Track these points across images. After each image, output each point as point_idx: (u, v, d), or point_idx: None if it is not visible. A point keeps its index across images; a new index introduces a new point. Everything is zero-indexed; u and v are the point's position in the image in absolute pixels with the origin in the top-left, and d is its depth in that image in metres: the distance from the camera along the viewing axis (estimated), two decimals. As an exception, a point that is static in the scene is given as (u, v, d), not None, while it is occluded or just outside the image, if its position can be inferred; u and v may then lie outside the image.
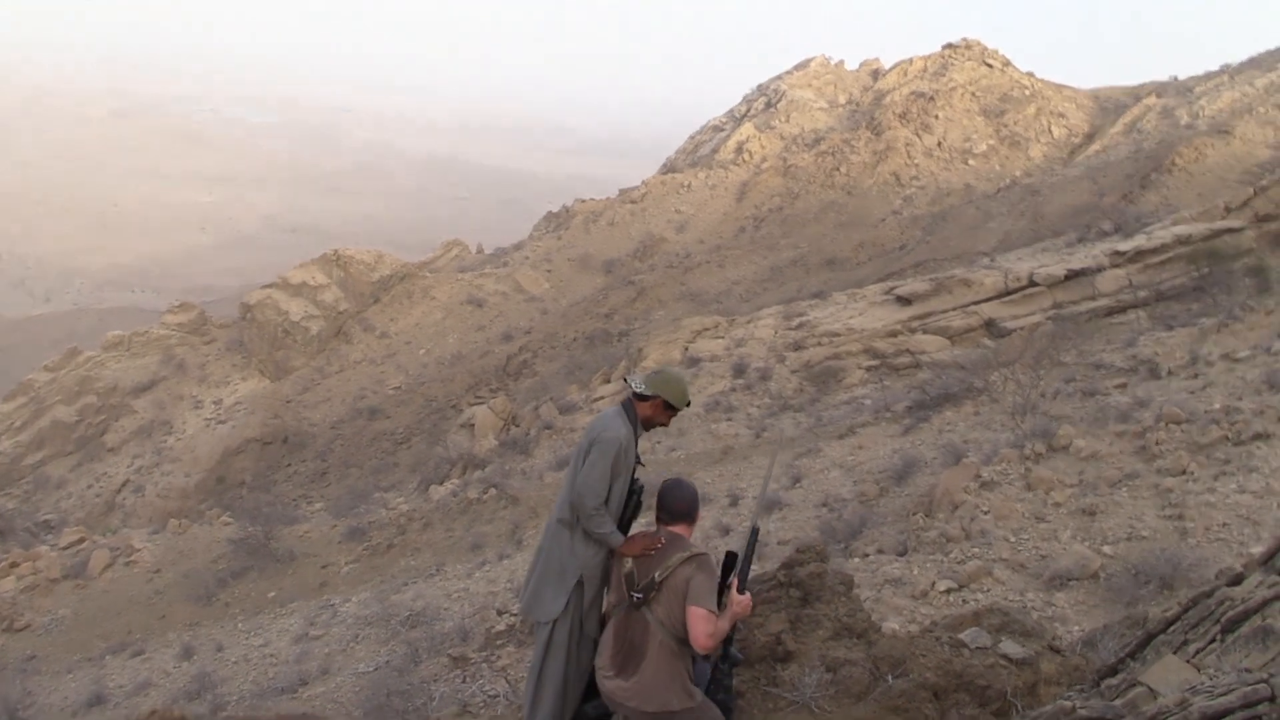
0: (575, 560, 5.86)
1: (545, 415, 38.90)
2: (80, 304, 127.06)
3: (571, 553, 5.88)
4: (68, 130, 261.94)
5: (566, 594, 5.85)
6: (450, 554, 25.28)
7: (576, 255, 79.95)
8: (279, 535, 29.13)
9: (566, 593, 5.85)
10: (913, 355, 33.63)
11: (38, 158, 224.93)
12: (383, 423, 58.99)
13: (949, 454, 17.82)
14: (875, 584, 12.37)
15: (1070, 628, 10.33)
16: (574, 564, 5.86)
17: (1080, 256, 38.41)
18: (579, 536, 5.87)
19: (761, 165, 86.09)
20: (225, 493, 55.24)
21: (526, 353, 58.83)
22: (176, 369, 68.76)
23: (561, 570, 5.88)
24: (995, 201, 64.98)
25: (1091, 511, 13.27)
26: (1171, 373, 20.63)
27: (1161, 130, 71.54)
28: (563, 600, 5.85)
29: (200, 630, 23.98)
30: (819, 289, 54.33)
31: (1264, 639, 4.45)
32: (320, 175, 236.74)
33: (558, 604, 5.86)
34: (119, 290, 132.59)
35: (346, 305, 72.58)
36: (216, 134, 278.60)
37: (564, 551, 5.90)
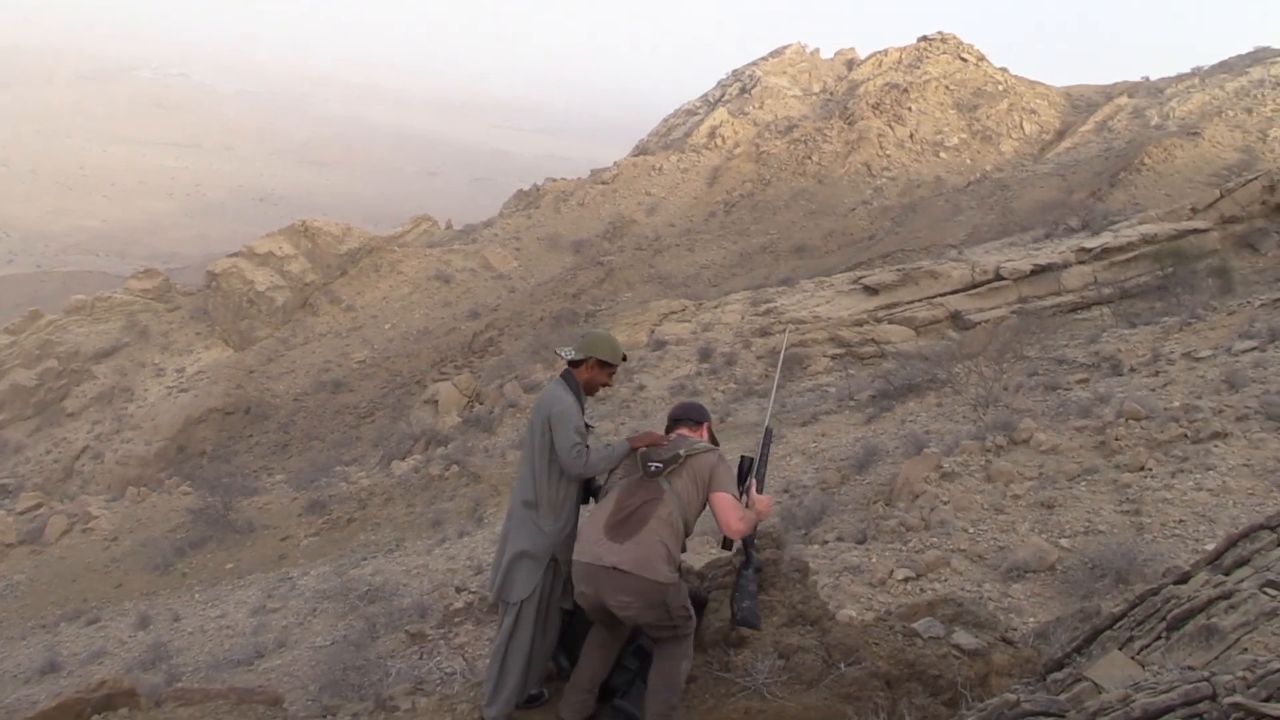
0: (545, 539, 5.90)
1: (510, 393, 38.85)
2: (43, 267, 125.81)
3: (540, 531, 5.91)
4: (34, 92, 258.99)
5: (539, 574, 5.90)
6: (410, 530, 25.26)
7: (546, 234, 79.79)
8: (238, 506, 29.03)
9: (539, 573, 5.90)
10: (878, 345, 33.80)
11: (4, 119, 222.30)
12: (346, 396, 58.82)
13: (911, 444, 17.92)
14: (834, 571, 12.45)
15: (1026, 619, 10.42)
16: (544, 542, 5.90)
17: (1047, 252, 38.66)
18: (545, 514, 5.91)
19: (734, 150, 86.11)
20: (185, 462, 54.93)
21: (493, 330, 58.71)
22: (139, 335, 68.29)
23: (533, 550, 5.90)
24: (965, 195, 65.33)
25: (1050, 505, 13.38)
26: (1133, 370, 20.80)
27: (1132, 130, 72.06)
28: (534, 580, 5.89)
29: (157, 600, 23.87)
30: (787, 276, 54.48)
31: (1208, 638, 4.51)
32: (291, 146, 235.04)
33: (529, 585, 5.90)
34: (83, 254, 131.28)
35: (313, 277, 72.23)
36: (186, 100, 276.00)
37: (532, 531, 5.93)
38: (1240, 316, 23.92)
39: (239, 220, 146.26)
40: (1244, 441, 14.31)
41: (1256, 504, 12.21)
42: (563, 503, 5.94)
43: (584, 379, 6.14)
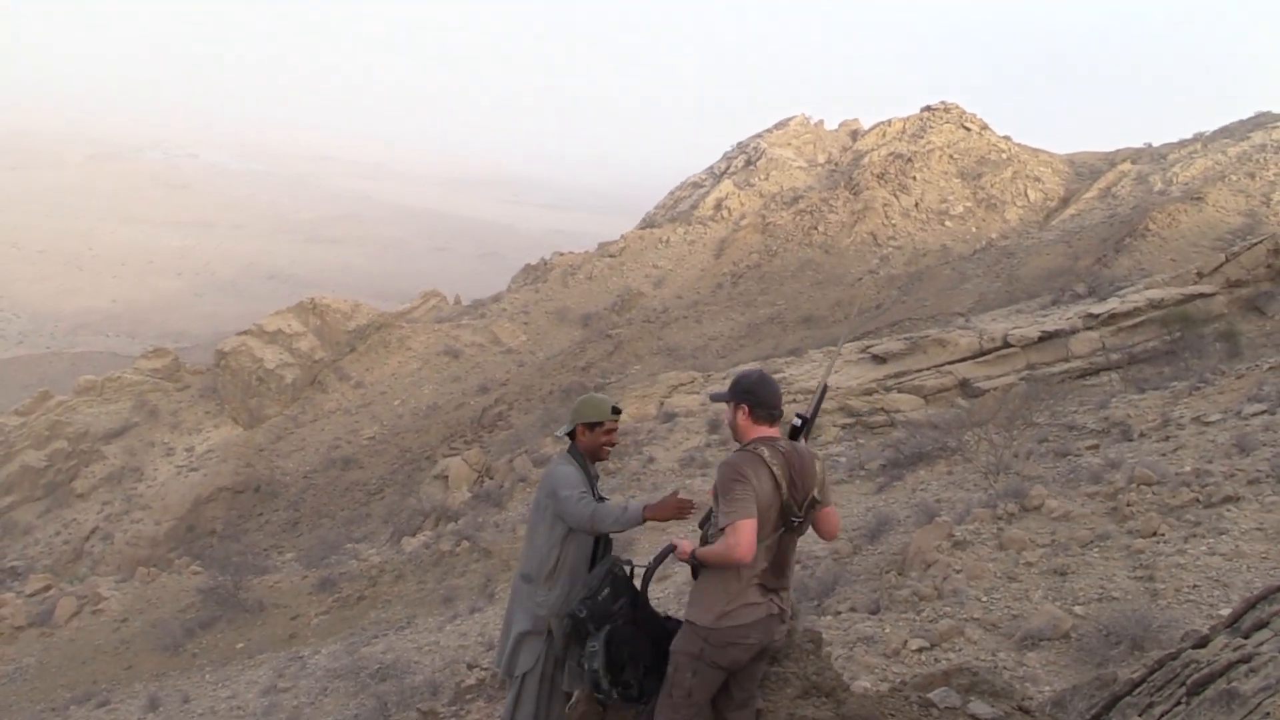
0: (542, 610, 5.94)
1: (519, 468, 38.80)
2: (53, 348, 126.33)
3: (537, 604, 5.96)
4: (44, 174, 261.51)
5: (539, 646, 5.93)
6: (421, 606, 25.16)
7: (554, 308, 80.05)
8: (249, 585, 28.95)
9: (539, 645, 5.93)
10: (887, 414, 33.76)
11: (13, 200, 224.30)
12: (356, 473, 58.74)
13: (922, 513, 17.87)
14: (847, 642, 12.38)
15: (1041, 688, 10.35)
16: (541, 615, 5.94)
17: (1054, 318, 38.74)
18: (540, 586, 5.96)
19: (740, 222, 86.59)
20: (195, 541, 54.82)
21: (502, 405, 58.75)
22: (149, 415, 68.38)
23: (532, 623, 5.94)
24: (971, 263, 65.57)
25: (1063, 572, 13.32)
26: (1143, 435, 20.77)
27: (1135, 196, 72.39)
28: (536, 654, 5.93)
29: (167, 681, 23.76)
30: (795, 346, 54.56)
31: (1228, 702, 4.49)
32: (299, 223, 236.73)
33: (530, 659, 5.94)
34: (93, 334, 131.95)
35: (322, 354, 72.44)
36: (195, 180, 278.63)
37: (529, 607, 5.99)
38: (1249, 380, 23.91)
39: (248, 298, 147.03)
40: (1256, 505, 14.26)
41: (1270, 568, 12.15)
42: (558, 572, 5.97)
43: (584, 447, 6.17)
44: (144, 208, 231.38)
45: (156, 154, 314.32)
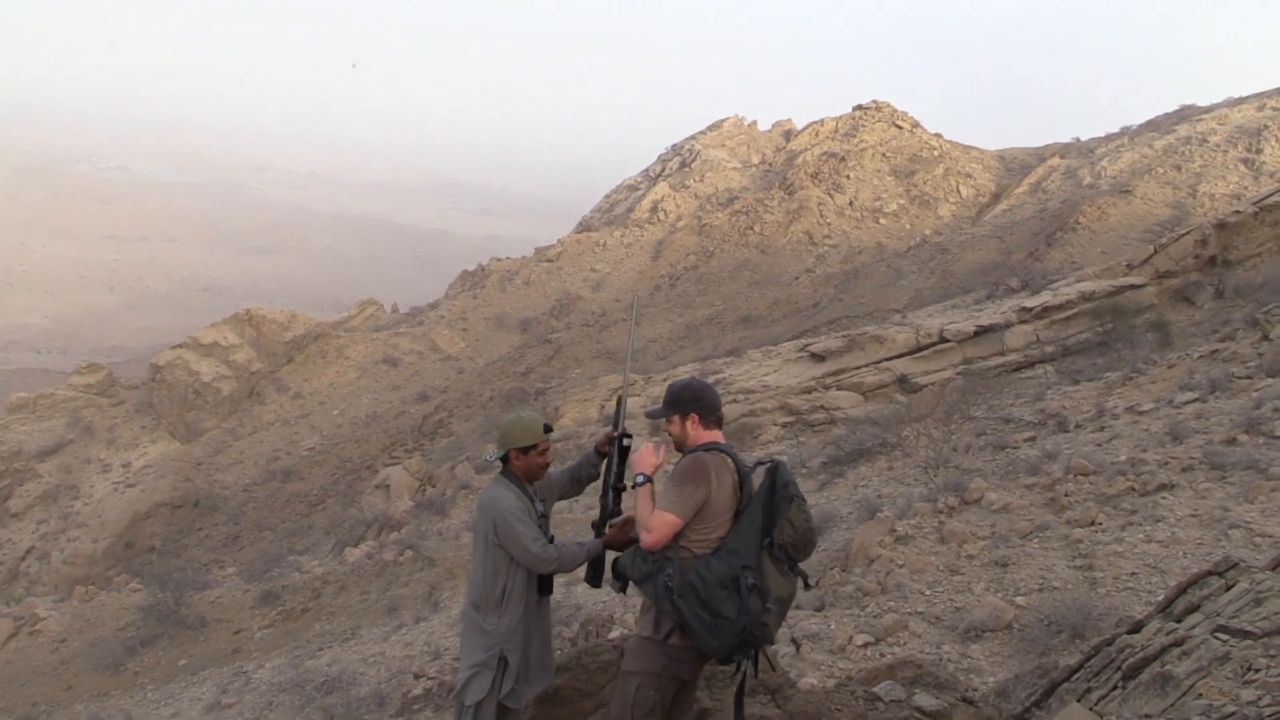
0: (490, 639, 5.90)
1: (461, 475, 38.69)
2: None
3: (483, 632, 5.92)
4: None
5: (491, 673, 5.88)
6: (366, 617, 24.99)
7: (492, 314, 79.82)
8: (190, 601, 28.59)
9: (491, 672, 5.88)
10: (827, 411, 33.95)
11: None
12: (296, 484, 58.22)
13: (864, 509, 18.01)
14: (793, 639, 12.45)
15: (985, 678, 10.46)
16: (491, 641, 5.90)
17: (989, 313, 39.14)
18: (489, 615, 5.91)
19: (676, 224, 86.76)
20: (134, 558, 54.04)
21: (442, 412, 58.49)
22: (84, 431, 67.35)
23: (483, 650, 5.90)
24: (906, 260, 66.08)
25: (1004, 563, 13.47)
26: (1079, 426, 21.05)
27: (1065, 190, 73.26)
28: (487, 685, 5.88)
29: (109, 701, 23.44)
30: (734, 346, 54.75)
31: (1163, 685, 4.56)
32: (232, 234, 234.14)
33: (482, 689, 5.88)
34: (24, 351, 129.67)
35: (259, 365, 71.74)
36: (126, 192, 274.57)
37: (477, 636, 5.96)
38: (1180, 369, 24.31)
39: (183, 311, 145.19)
40: (1190, 492, 14.50)
41: (1206, 553, 12.35)
42: (506, 600, 5.90)
43: (519, 469, 6.04)
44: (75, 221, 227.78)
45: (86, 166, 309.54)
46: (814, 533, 5.26)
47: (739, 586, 5.00)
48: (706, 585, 5.01)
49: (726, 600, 4.99)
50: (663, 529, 5.10)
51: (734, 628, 5.00)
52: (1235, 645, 4.67)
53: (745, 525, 5.13)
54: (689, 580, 5.04)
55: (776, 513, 5.14)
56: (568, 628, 15.71)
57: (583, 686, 6.79)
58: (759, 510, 5.16)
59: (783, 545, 5.13)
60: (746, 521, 5.15)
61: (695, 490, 5.14)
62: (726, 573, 5.01)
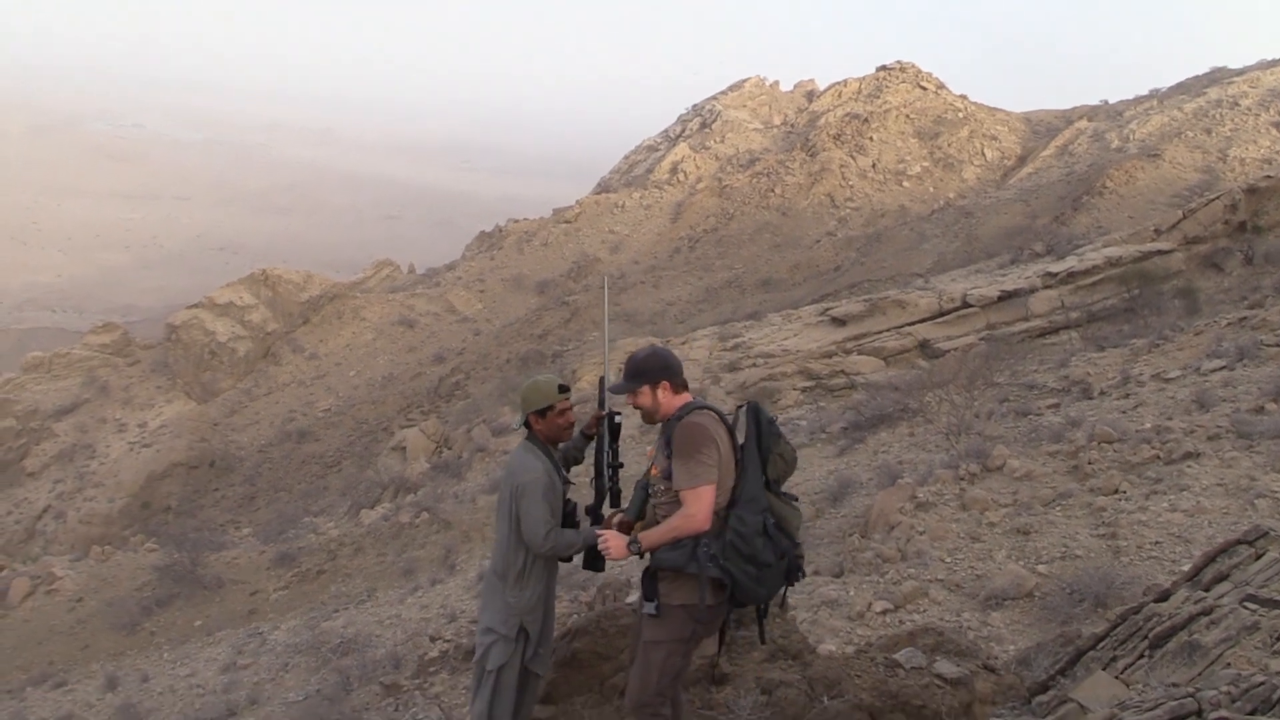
0: (510, 611, 5.90)
1: (478, 438, 38.76)
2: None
3: (506, 604, 5.92)
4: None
5: (510, 643, 5.90)
6: (382, 579, 25.13)
7: (509, 276, 79.77)
8: (206, 562, 28.77)
9: (510, 642, 5.90)
10: (848, 376, 33.89)
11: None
12: (312, 446, 58.46)
13: (884, 475, 17.97)
14: (812, 605, 12.46)
15: (1006, 647, 10.45)
16: (509, 616, 5.91)
17: (1013, 278, 38.96)
18: (511, 585, 5.91)
19: (696, 186, 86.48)
20: (150, 518, 54.43)
21: (459, 374, 58.56)
22: (99, 391, 67.72)
23: (500, 628, 5.92)
24: (929, 223, 65.73)
25: (1026, 531, 13.44)
26: (1103, 393, 20.95)
27: (1092, 153, 72.77)
28: (507, 650, 5.90)
29: (125, 660, 23.64)
30: (754, 310, 54.64)
31: (1190, 654, 4.56)
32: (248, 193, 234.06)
33: (501, 656, 5.91)
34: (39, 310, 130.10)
35: (275, 326, 71.95)
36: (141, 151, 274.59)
37: (499, 605, 5.95)
38: (1207, 336, 24.16)
39: (198, 271, 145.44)
40: (1216, 461, 14.43)
41: (1231, 523, 12.30)
42: (529, 573, 5.91)
43: (542, 433, 6.06)
44: (89, 180, 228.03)
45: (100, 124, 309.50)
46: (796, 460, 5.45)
47: (768, 531, 5.09)
48: (746, 540, 5.05)
49: (765, 548, 5.07)
50: (705, 505, 5.10)
51: (778, 572, 5.14)
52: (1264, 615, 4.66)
53: (750, 472, 5.19)
54: (728, 540, 5.07)
55: (768, 451, 5.24)
56: (584, 592, 15.77)
57: (601, 650, 6.82)
58: (754, 452, 5.24)
59: (776, 480, 5.28)
60: (750, 468, 5.21)
61: (709, 452, 5.14)
62: (757, 522, 5.08)
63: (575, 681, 6.79)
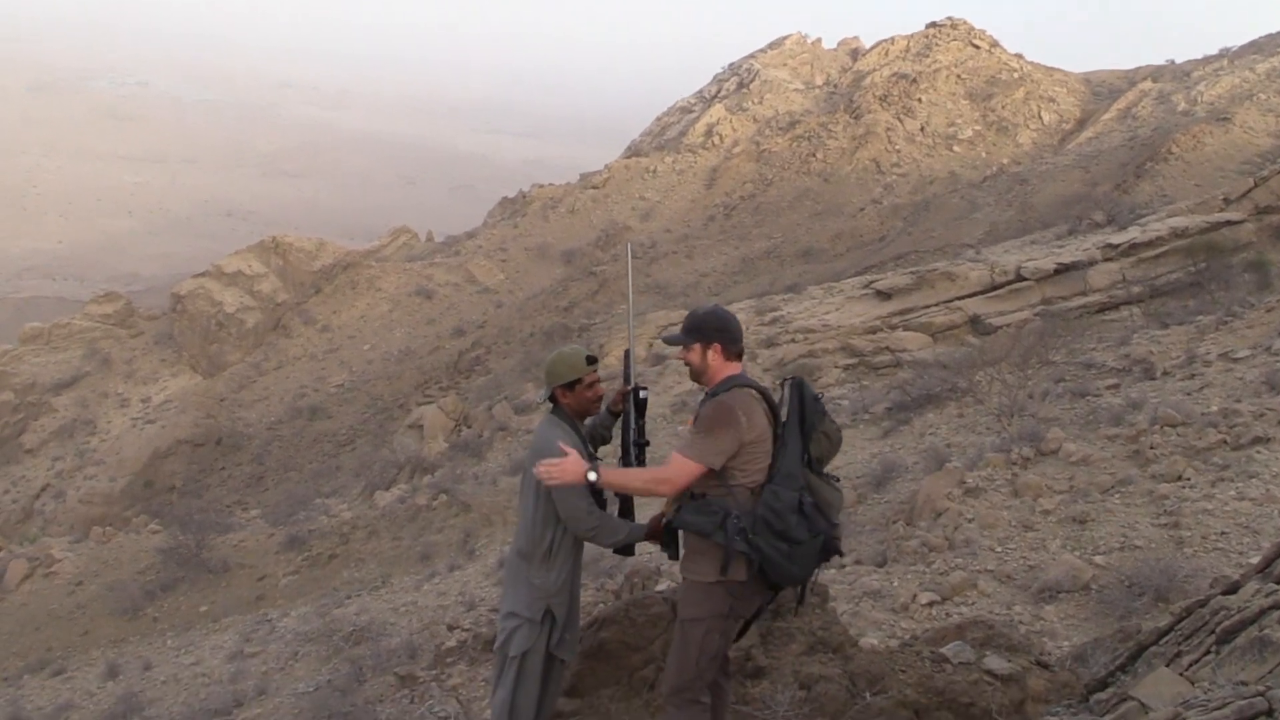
0: (536, 594, 5.87)
1: (499, 415, 38.84)
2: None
3: (531, 585, 5.88)
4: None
5: (535, 628, 5.86)
6: (397, 565, 25.22)
7: (534, 244, 79.85)
8: (212, 544, 28.94)
9: (535, 626, 5.86)
10: (893, 353, 33.78)
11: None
12: (324, 423, 58.76)
13: (931, 458, 17.91)
14: (853, 596, 12.44)
15: (1059, 642, 10.40)
16: (535, 598, 5.87)
17: (1071, 250, 38.70)
18: (537, 567, 5.88)
19: (732, 150, 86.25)
20: (153, 498, 54.84)
21: (479, 348, 58.71)
22: (101, 364, 68.23)
23: (524, 611, 5.88)
24: (981, 191, 65.36)
25: (1082, 519, 13.36)
26: (1167, 373, 20.80)
27: (1157, 117, 72.10)
28: (532, 634, 5.87)
29: (126, 647, 23.82)
30: (793, 282, 54.50)
31: (1261, 650, 4.51)
32: (258, 156, 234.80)
33: (525, 641, 5.88)
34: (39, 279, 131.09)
35: (285, 296, 72.32)
36: (145, 111, 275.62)
37: (523, 587, 5.92)
38: (1279, 313, 23.94)
39: (205, 238, 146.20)
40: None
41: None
42: (556, 553, 5.88)
43: (570, 408, 6.04)
44: (91, 141, 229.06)
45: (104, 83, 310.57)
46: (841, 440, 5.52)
47: (803, 509, 5.12)
48: (779, 515, 5.08)
49: (799, 525, 5.10)
50: (681, 477, 5.17)
51: (811, 550, 5.14)
52: (1339, 610, 4.62)
53: (789, 449, 5.25)
54: (760, 515, 5.10)
55: (811, 429, 5.31)
56: (611, 580, 15.78)
57: (631, 640, 6.80)
58: (796, 430, 5.29)
59: (820, 459, 5.35)
60: (790, 445, 5.26)
61: (723, 437, 5.16)
62: (792, 499, 5.12)
63: (602, 673, 6.79)
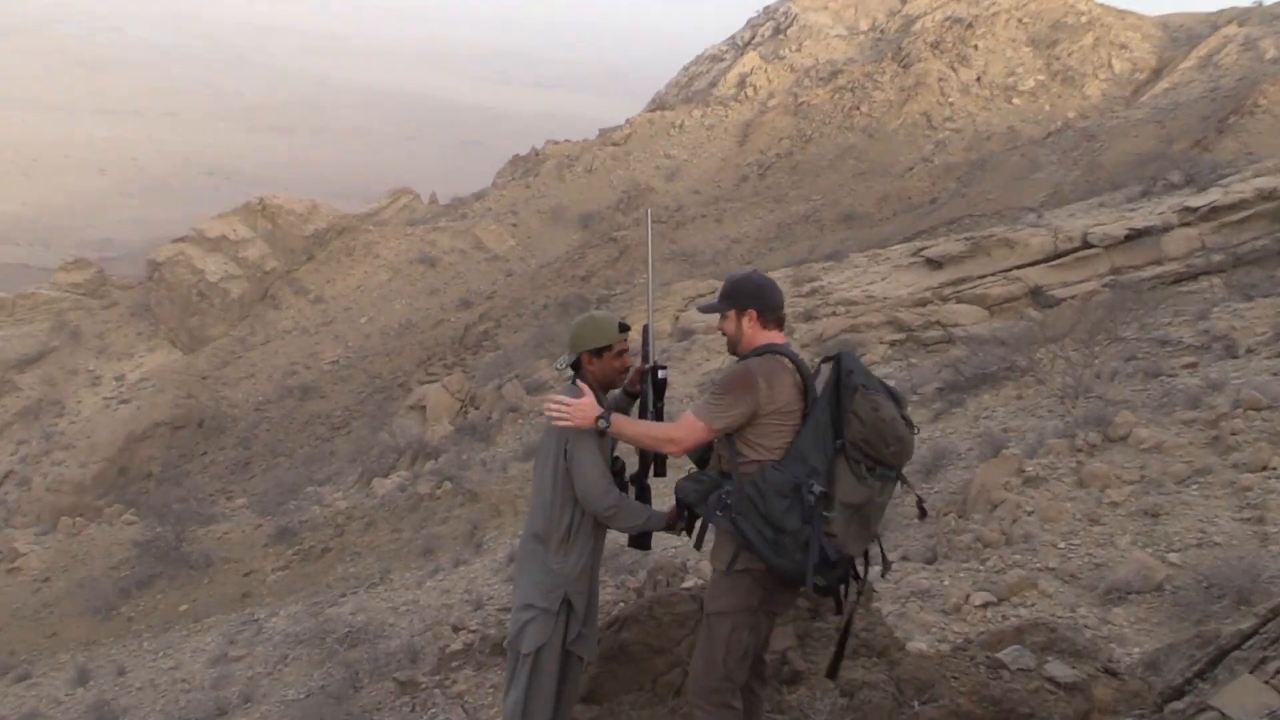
0: (554, 580, 5.86)
1: (510, 395, 38.88)
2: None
3: (548, 572, 5.87)
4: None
5: (551, 619, 5.85)
6: (397, 560, 25.31)
7: (548, 207, 79.87)
8: (193, 537, 29.07)
9: (551, 618, 5.85)
10: (944, 328, 33.71)
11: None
12: (317, 404, 58.94)
13: (987, 444, 17.88)
14: (899, 596, 12.44)
15: (1129, 649, 10.39)
16: (553, 585, 5.86)
17: (1144, 214, 38.50)
18: (554, 551, 5.87)
19: (768, 102, 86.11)
20: (128, 486, 55.12)
21: (488, 321, 58.79)
22: (70, 338, 68.44)
23: (545, 592, 5.86)
24: (1044, 148, 65.06)
25: (1155, 513, 13.32)
26: (1251, 351, 20.71)
27: (1243, 65, 71.58)
28: (548, 626, 5.85)
29: (98, 650, 23.97)
30: (834, 249, 54.40)
31: (1356, 658, 4.50)
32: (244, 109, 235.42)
33: (542, 636, 5.86)
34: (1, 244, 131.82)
35: (274, 264, 72.42)
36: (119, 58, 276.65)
37: (539, 574, 5.90)
38: (1377, 284, 23.83)
39: (184, 199, 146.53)
40: (1386, 432, 14.25)
41: (1403, 506, 12.15)
42: (575, 537, 5.88)
43: (595, 377, 6.00)
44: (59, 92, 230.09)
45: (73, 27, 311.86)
46: (890, 424, 5.13)
47: (800, 495, 5.00)
48: (764, 496, 5.02)
49: (789, 512, 5.00)
50: (689, 437, 5.23)
51: (798, 542, 5.00)
52: None
53: (810, 427, 5.16)
54: (746, 494, 5.07)
55: (842, 406, 5.13)
56: (632, 576, 15.82)
57: (654, 642, 6.79)
58: (824, 408, 5.17)
59: (857, 444, 5.10)
60: (811, 422, 5.18)
61: (736, 401, 5.18)
62: (786, 481, 5.02)
63: (623, 678, 6.80)
